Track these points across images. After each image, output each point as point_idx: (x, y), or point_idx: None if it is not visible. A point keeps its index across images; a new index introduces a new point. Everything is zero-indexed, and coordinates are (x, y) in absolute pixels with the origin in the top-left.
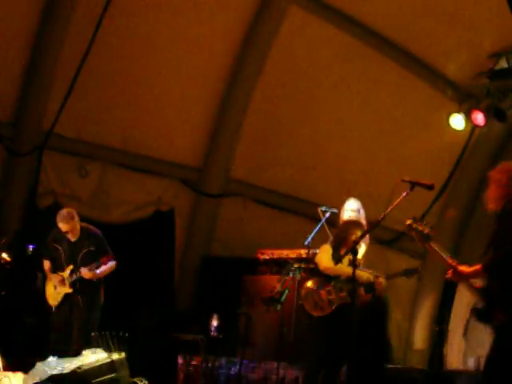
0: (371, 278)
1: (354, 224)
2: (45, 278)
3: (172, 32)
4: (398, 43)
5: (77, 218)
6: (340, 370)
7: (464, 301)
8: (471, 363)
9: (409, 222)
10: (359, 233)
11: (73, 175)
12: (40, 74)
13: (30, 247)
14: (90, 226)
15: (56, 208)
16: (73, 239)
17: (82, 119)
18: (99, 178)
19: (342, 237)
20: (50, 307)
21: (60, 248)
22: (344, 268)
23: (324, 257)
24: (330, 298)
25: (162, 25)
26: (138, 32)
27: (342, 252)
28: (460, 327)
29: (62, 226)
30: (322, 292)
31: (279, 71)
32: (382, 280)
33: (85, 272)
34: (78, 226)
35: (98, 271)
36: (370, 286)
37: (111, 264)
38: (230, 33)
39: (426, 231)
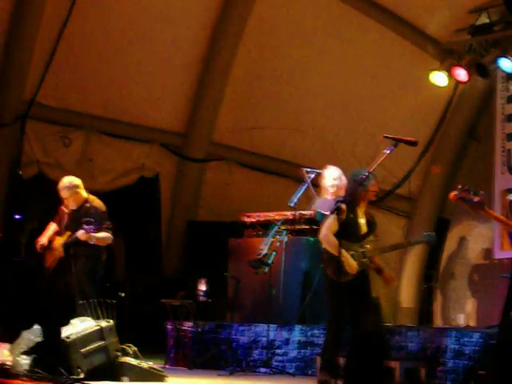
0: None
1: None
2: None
3: None
4: (378, 1)
5: (76, 188)
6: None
7: (454, 257)
8: (460, 320)
9: (454, 193)
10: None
11: (56, 144)
12: (20, 45)
13: (17, 217)
14: (96, 201)
15: (41, 178)
16: (73, 207)
17: (64, 88)
18: (83, 147)
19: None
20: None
21: (64, 213)
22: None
23: (328, 225)
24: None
25: None
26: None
27: (359, 208)
28: (449, 284)
29: (61, 194)
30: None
31: (261, 34)
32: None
33: (81, 233)
34: (80, 196)
35: (94, 235)
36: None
37: (107, 235)
38: None
39: (476, 199)
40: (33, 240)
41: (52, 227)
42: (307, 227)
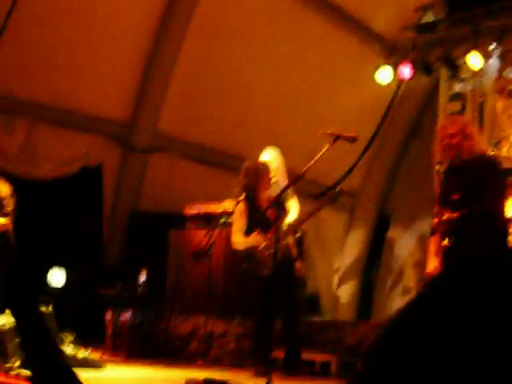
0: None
1: (256, 168)
2: None
3: None
4: None
5: None
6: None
7: (393, 254)
8: None
9: None
10: (267, 176)
11: None
12: None
13: None
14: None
15: None
16: None
17: (8, 75)
18: (26, 134)
19: (251, 186)
20: None
21: None
22: (254, 238)
23: (234, 228)
24: (271, 251)
25: None
26: None
27: (261, 197)
28: (388, 280)
29: None
30: (261, 249)
31: (207, 25)
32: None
33: None
34: None
35: None
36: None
37: None
38: None
39: None
40: None
41: None
42: None
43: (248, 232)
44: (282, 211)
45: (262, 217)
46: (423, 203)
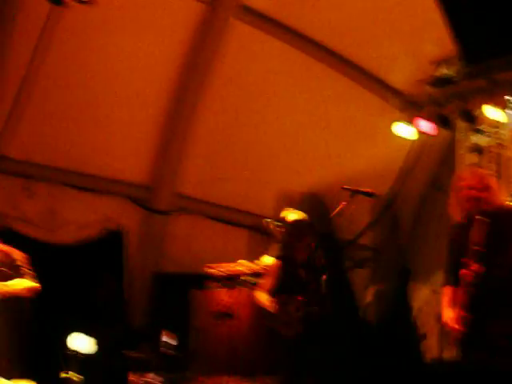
0: None
1: (303, 225)
2: None
3: (116, 51)
4: (341, 54)
5: None
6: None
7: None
8: None
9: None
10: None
11: (19, 196)
12: None
13: None
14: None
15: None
16: None
17: (28, 140)
18: (46, 199)
19: (291, 242)
20: None
21: None
22: (271, 303)
23: (262, 284)
24: (300, 314)
25: (106, 45)
26: (83, 52)
27: (299, 257)
28: None
29: None
30: (291, 308)
31: (226, 87)
32: None
33: None
34: None
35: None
36: None
37: (22, 283)
38: (174, 50)
39: None
40: None
41: None
42: None
43: (279, 291)
44: (313, 273)
45: (295, 278)
46: (440, 255)
